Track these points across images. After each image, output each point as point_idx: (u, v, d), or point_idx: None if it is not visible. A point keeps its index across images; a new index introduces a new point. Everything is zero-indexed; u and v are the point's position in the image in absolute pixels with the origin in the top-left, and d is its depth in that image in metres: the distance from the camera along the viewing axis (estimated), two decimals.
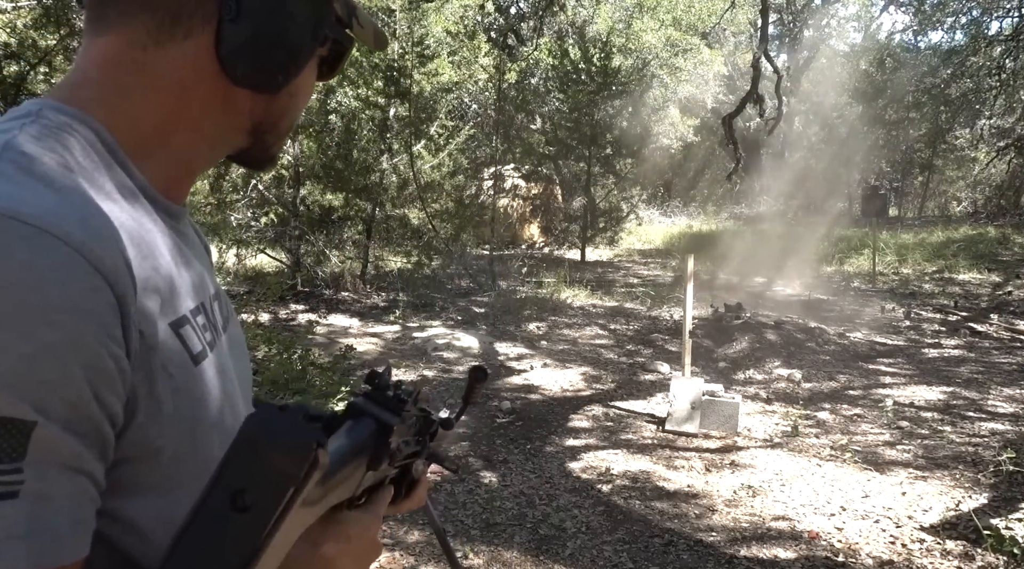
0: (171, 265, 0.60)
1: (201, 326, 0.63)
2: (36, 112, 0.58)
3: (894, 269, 12.72)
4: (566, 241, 14.53)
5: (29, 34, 7.64)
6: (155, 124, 0.62)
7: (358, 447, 0.54)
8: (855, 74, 24.67)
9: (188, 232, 0.70)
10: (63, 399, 0.46)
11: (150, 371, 0.53)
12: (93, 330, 0.48)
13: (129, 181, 0.60)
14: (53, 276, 0.47)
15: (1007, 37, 19.03)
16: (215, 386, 0.62)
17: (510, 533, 3.40)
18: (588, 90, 12.82)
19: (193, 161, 0.66)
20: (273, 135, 0.69)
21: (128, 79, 0.61)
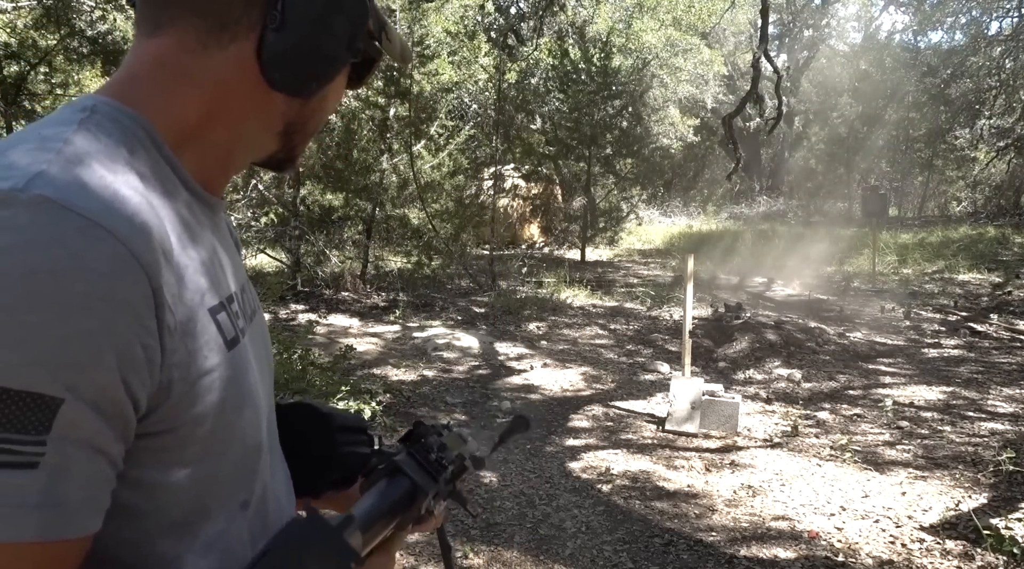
0: (210, 255, 0.65)
1: (235, 313, 0.66)
2: (91, 107, 0.61)
3: (894, 269, 12.72)
4: (566, 241, 14.53)
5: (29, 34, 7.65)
6: (197, 122, 0.65)
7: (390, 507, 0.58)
8: (855, 74, 24.67)
9: (223, 225, 0.74)
10: (93, 381, 0.49)
11: (186, 354, 0.57)
12: (128, 320, 0.51)
13: (174, 175, 0.63)
14: (98, 266, 0.50)
15: (1007, 37, 19.03)
16: (245, 370, 0.65)
17: (510, 533, 3.40)
18: (588, 90, 12.82)
19: (230, 158, 0.70)
20: (300, 137, 0.72)
21: (175, 79, 0.65)
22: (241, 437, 0.65)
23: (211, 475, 0.62)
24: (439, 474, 0.61)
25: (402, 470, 0.59)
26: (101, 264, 0.50)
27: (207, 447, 0.60)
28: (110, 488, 0.53)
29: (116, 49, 7.93)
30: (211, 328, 0.60)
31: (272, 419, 0.77)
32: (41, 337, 0.47)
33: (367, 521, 0.55)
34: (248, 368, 0.67)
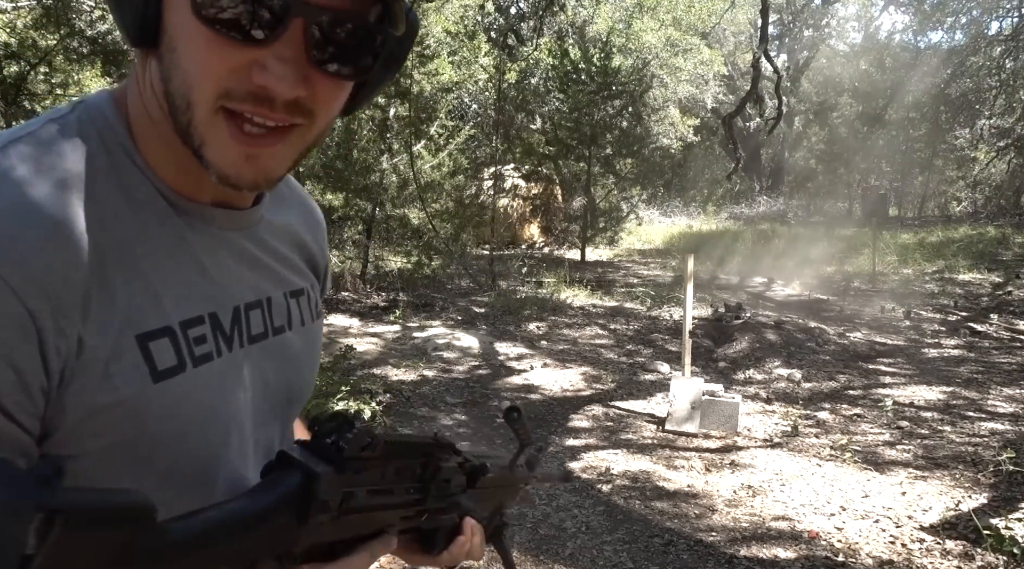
0: (163, 274, 0.58)
1: (193, 339, 0.60)
2: (76, 104, 0.59)
3: (894, 269, 12.72)
4: (566, 241, 14.53)
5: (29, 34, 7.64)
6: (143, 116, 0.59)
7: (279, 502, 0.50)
8: (855, 74, 24.67)
9: (231, 236, 0.66)
10: None
11: (87, 382, 0.53)
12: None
13: (149, 184, 0.59)
14: None
15: (1007, 37, 19.02)
16: (181, 405, 0.58)
17: (510, 533, 3.40)
18: (588, 90, 12.82)
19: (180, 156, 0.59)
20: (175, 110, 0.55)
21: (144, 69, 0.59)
22: (176, 475, 0.59)
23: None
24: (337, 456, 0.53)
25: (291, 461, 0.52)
26: None
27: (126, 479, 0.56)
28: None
29: (116, 49, 7.93)
30: (131, 356, 0.55)
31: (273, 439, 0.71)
32: None
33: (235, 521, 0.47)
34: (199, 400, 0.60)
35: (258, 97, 0.54)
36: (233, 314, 0.65)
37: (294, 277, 0.74)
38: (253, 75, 0.53)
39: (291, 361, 0.72)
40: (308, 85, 0.55)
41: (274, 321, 0.70)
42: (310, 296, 0.77)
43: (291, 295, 0.73)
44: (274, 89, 0.53)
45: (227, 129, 0.55)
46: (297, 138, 0.58)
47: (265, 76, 0.53)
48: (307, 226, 0.79)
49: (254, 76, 0.53)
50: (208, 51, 0.53)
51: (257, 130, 0.55)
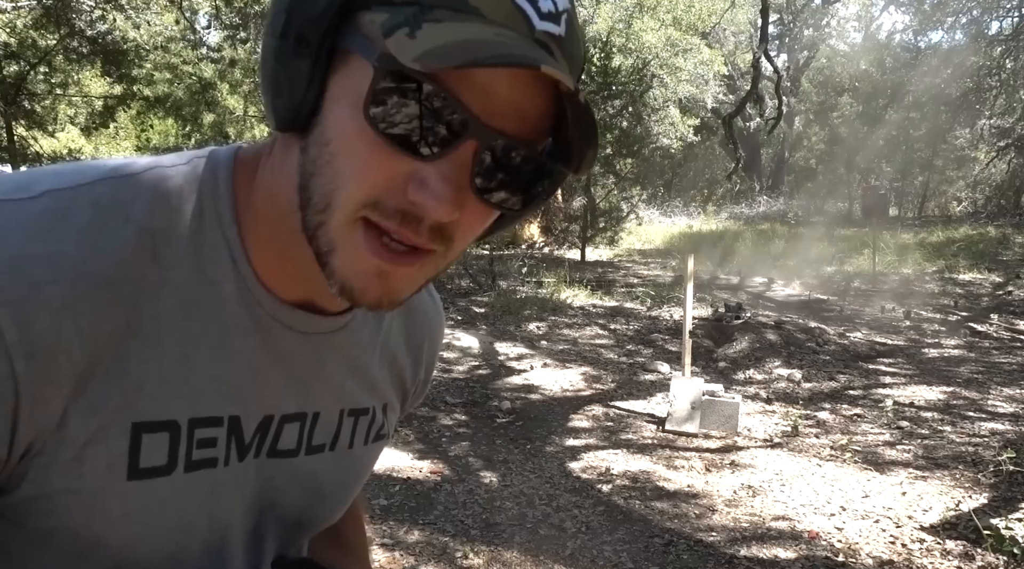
0: (198, 364, 0.54)
1: (198, 440, 0.55)
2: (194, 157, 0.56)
3: (894, 269, 12.72)
4: (566, 241, 14.53)
5: (29, 34, 7.65)
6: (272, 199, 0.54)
7: None
8: (855, 74, 24.68)
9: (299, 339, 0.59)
10: None
11: (54, 458, 0.49)
12: None
13: (222, 265, 0.54)
14: None
15: (1007, 37, 19.03)
16: (150, 509, 0.53)
17: (510, 533, 3.39)
18: (588, 90, 12.82)
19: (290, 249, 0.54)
20: (310, 208, 0.50)
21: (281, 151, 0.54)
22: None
23: None
24: None
25: None
26: None
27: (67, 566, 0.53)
28: None
29: (116, 49, 7.94)
30: (115, 445, 0.51)
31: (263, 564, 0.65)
32: None
33: None
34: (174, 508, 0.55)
35: (407, 215, 0.48)
36: (261, 422, 0.59)
37: (362, 394, 0.68)
38: (409, 190, 0.48)
39: (315, 485, 0.66)
40: (460, 210, 0.49)
41: (313, 439, 0.64)
42: (376, 417, 0.70)
43: (349, 413, 0.67)
44: (430, 209, 0.48)
45: (365, 240, 0.49)
46: (431, 263, 0.52)
47: (424, 194, 0.48)
48: (410, 336, 0.73)
49: (410, 192, 0.48)
50: (369, 155, 0.48)
51: (397, 246, 0.50)
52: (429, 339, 0.75)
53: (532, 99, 0.48)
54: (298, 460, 0.63)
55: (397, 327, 0.71)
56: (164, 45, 11.59)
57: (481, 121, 0.47)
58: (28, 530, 0.52)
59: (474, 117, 0.46)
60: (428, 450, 4.38)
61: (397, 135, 0.47)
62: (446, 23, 0.45)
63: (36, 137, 12.14)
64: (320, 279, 0.52)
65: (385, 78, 0.46)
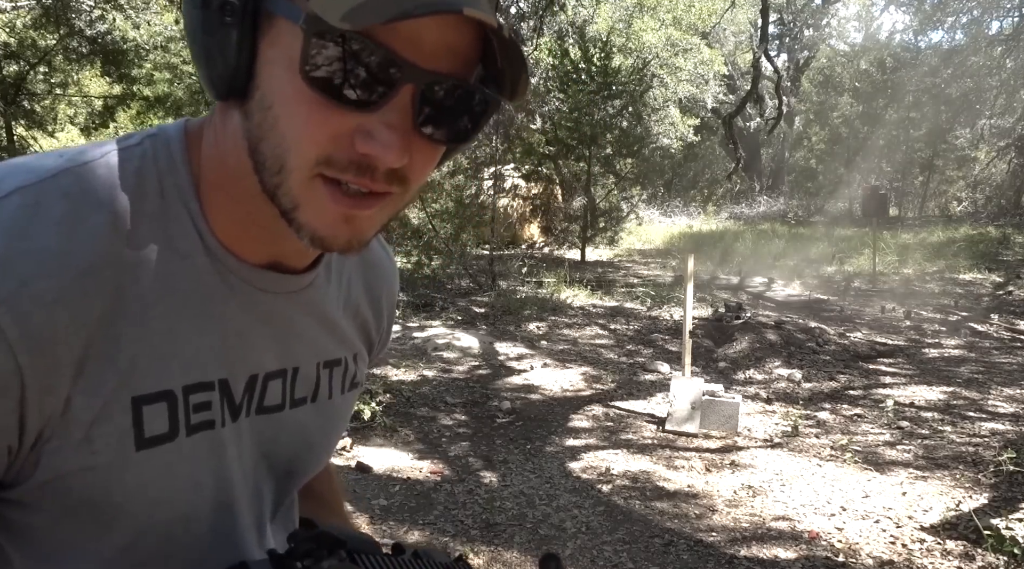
0: (181, 333, 0.56)
1: (194, 405, 0.57)
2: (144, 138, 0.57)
3: (895, 269, 12.71)
4: (566, 241, 14.53)
5: (29, 34, 7.65)
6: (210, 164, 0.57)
7: None
8: (855, 74, 24.67)
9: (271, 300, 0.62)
10: None
11: (65, 441, 0.51)
12: None
13: (190, 238, 0.56)
14: None
15: (1007, 37, 19.03)
16: (161, 474, 0.56)
17: (510, 533, 3.39)
18: (588, 90, 12.81)
19: (251, 212, 0.57)
20: (264, 171, 0.52)
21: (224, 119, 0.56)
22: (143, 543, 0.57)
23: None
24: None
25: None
26: None
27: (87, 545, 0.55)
28: None
29: (116, 49, 7.94)
30: (120, 420, 0.53)
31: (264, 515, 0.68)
32: None
33: None
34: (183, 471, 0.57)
35: (360, 166, 0.50)
36: (248, 382, 0.62)
37: (334, 346, 0.70)
38: (357, 143, 0.50)
39: (303, 436, 0.69)
40: (409, 152, 0.51)
41: (295, 393, 0.66)
42: (348, 367, 0.73)
43: (324, 365, 0.69)
44: (380, 158, 0.50)
45: (326, 192, 0.51)
46: (391, 204, 0.54)
47: (371, 145, 0.50)
48: (369, 288, 0.76)
49: (358, 144, 0.50)
50: (310, 115, 0.49)
51: (356, 191, 0.52)
52: (387, 289, 0.79)
53: (459, 38, 0.50)
54: (284, 414, 0.66)
55: (356, 281, 0.74)
56: (164, 45, 11.60)
57: (416, 65, 0.48)
58: (49, 511, 0.53)
59: (408, 63, 0.48)
60: (428, 450, 4.38)
61: (335, 91, 0.48)
62: None
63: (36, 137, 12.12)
64: (284, 238, 0.55)
65: (315, 39, 0.47)
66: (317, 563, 0.52)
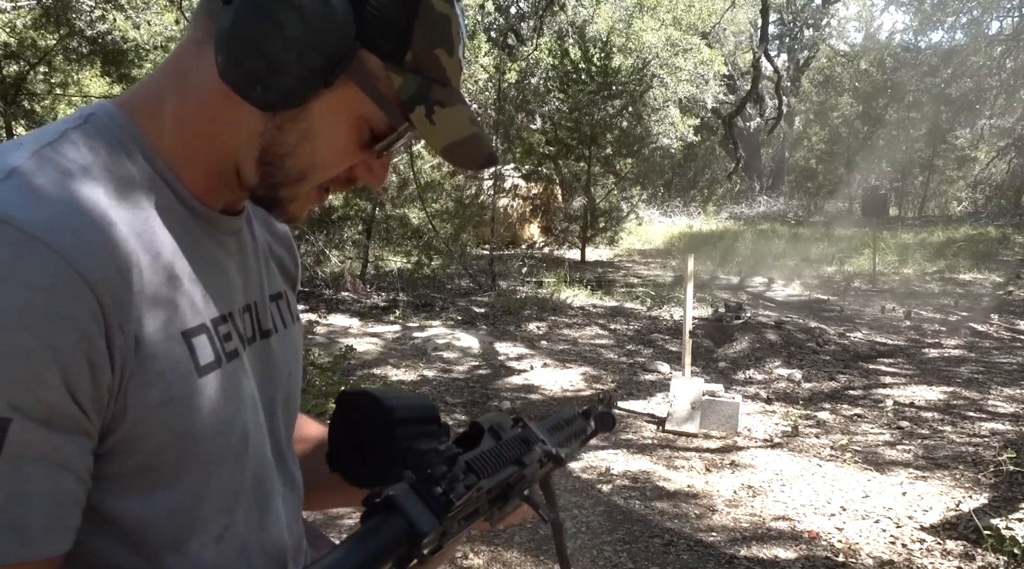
0: (200, 273, 0.62)
1: (222, 336, 0.63)
2: (88, 115, 0.60)
3: (895, 269, 12.71)
4: (566, 241, 14.53)
5: (29, 34, 7.65)
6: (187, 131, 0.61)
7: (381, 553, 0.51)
8: (855, 74, 24.67)
9: (229, 241, 0.69)
10: (39, 399, 0.48)
11: (144, 379, 0.54)
12: (72, 336, 0.49)
13: (168, 189, 0.61)
14: (36, 281, 0.48)
15: (1007, 37, 19.03)
16: (221, 398, 0.61)
17: (510, 533, 3.39)
18: (588, 90, 12.81)
19: (221, 175, 0.64)
20: (278, 173, 0.62)
21: (176, 83, 0.61)
22: (219, 467, 0.61)
23: (182, 508, 0.59)
24: (444, 512, 0.54)
25: (397, 508, 0.52)
26: (39, 279, 0.48)
27: (174, 477, 0.58)
28: (79, 506, 0.52)
29: (116, 49, 7.94)
30: (179, 352, 0.57)
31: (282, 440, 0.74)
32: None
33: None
34: (235, 393, 0.63)
35: (350, 182, 0.67)
36: (240, 314, 0.68)
37: (274, 280, 0.77)
38: (358, 172, 0.66)
39: (282, 363, 0.74)
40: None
41: (262, 325, 0.72)
42: (289, 299, 0.80)
43: (271, 299, 0.75)
44: (373, 185, 0.67)
45: (316, 194, 0.66)
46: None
47: (370, 178, 0.66)
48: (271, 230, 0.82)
49: (359, 173, 0.66)
50: (343, 158, 0.63)
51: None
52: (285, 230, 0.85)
53: None
54: (258, 344, 0.71)
55: (264, 223, 0.80)
56: (164, 45, 11.61)
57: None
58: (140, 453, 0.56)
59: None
60: None
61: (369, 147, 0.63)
62: (447, 108, 0.62)
63: None
64: (235, 189, 0.65)
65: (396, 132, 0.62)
66: (453, 483, 0.55)
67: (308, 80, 0.57)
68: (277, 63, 0.56)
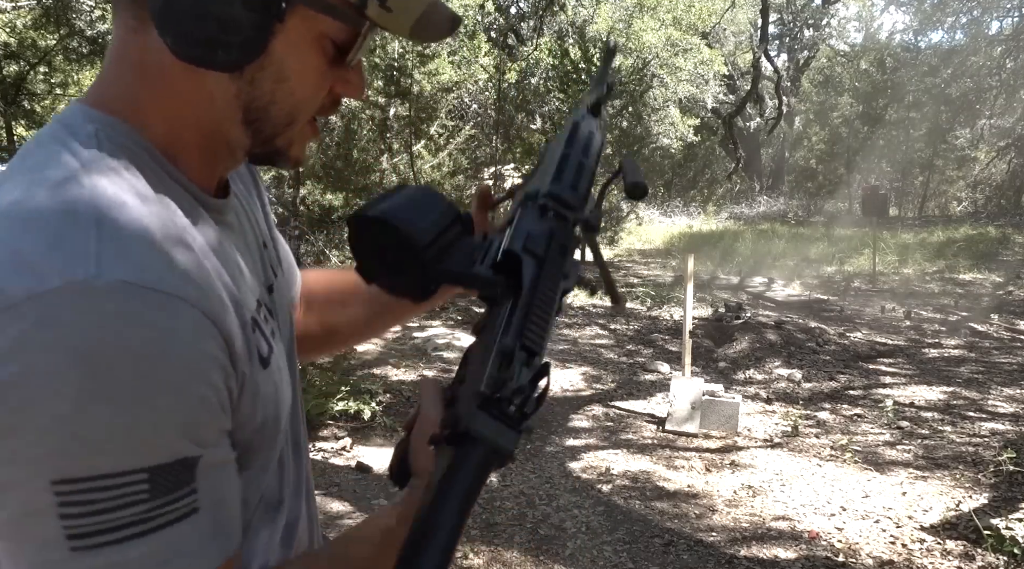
0: (234, 268, 0.63)
1: (263, 319, 0.66)
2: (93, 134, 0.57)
3: (895, 269, 12.71)
4: None
5: (29, 34, 7.65)
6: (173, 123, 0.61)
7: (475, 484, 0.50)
8: (855, 74, 24.67)
9: (235, 222, 0.69)
10: (212, 430, 0.55)
11: (242, 382, 0.59)
12: (219, 372, 0.55)
13: (183, 192, 0.61)
14: (188, 337, 0.53)
15: (1007, 37, 19.03)
16: (278, 382, 0.66)
17: (510, 533, 3.39)
18: (588, 90, 12.80)
19: (213, 157, 0.64)
20: (267, 125, 0.62)
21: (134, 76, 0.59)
22: (273, 449, 0.67)
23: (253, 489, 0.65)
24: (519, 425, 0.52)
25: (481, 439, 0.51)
26: (189, 334, 0.52)
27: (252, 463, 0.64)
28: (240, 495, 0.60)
29: None
30: (247, 346, 0.60)
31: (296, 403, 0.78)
32: (173, 414, 0.51)
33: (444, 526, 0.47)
34: (280, 374, 0.67)
35: (335, 103, 0.66)
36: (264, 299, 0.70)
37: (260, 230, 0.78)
38: (338, 88, 0.65)
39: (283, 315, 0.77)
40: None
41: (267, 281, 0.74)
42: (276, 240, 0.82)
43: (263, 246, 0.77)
44: (355, 96, 0.66)
45: (309, 129, 0.66)
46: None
47: (350, 89, 0.65)
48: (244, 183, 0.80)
49: (339, 89, 0.65)
50: (320, 82, 0.63)
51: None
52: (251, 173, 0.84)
53: None
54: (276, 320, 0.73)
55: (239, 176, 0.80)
56: None
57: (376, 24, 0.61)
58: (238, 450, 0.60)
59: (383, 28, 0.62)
60: None
61: (342, 60, 0.62)
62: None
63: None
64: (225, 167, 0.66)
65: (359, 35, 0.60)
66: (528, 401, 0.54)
67: (262, 22, 0.56)
68: (227, 19, 0.55)
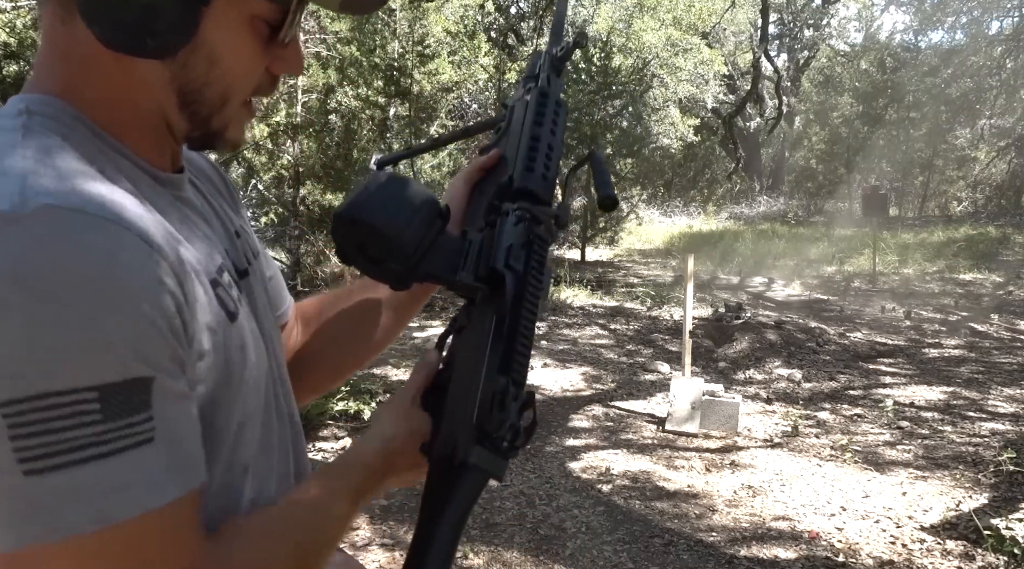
0: (193, 235, 0.64)
1: (228, 284, 0.66)
2: (25, 110, 0.58)
3: (895, 269, 12.71)
4: (566, 241, 14.53)
5: (29, 34, 7.64)
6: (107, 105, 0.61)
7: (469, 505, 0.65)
8: (855, 74, 24.67)
9: (192, 197, 0.70)
10: (164, 354, 0.54)
11: (195, 329, 0.58)
12: (168, 298, 0.54)
13: (124, 160, 0.61)
14: (131, 259, 0.52)
15: (1007, 37, 19.03)
16: (245, 338, 0.66)
17: (510, 533, 3.39)
18: (588, 90, 12.81)
19: (156, 137, 0.64)
20: (203, 107, 0.62)
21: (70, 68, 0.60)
22: (242, 407, 0.66)
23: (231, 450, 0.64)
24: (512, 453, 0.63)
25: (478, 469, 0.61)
26: (132, 257, 0.52)
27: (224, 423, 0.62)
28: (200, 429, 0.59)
29: None
30: (213, 302, 0.61)
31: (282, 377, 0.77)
32: (120, 331, 0.50)
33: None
34: (247, 339, 0.66)
35: (273, 83, 0.66)
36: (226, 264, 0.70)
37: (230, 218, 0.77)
38: (274, 68, 0.65)
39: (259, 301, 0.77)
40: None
41: (238, 267, 0.74)
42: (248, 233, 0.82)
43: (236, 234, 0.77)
44: (293, 74, 0.68)
45: (245, 111, 0.66)
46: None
47: (287, 67, 0.66)
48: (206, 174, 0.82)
49: (275, 68, 0.65)
50: (253, 62, 0.63)
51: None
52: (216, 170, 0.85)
53: None
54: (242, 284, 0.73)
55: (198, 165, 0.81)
56: None
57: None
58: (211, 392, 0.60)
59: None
60: None
61: (275, 39, 0.63)
62: None
63: None
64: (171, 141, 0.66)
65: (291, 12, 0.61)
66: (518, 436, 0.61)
67: (188, 7, 0.57)
68: (152, 6, 0.55)
